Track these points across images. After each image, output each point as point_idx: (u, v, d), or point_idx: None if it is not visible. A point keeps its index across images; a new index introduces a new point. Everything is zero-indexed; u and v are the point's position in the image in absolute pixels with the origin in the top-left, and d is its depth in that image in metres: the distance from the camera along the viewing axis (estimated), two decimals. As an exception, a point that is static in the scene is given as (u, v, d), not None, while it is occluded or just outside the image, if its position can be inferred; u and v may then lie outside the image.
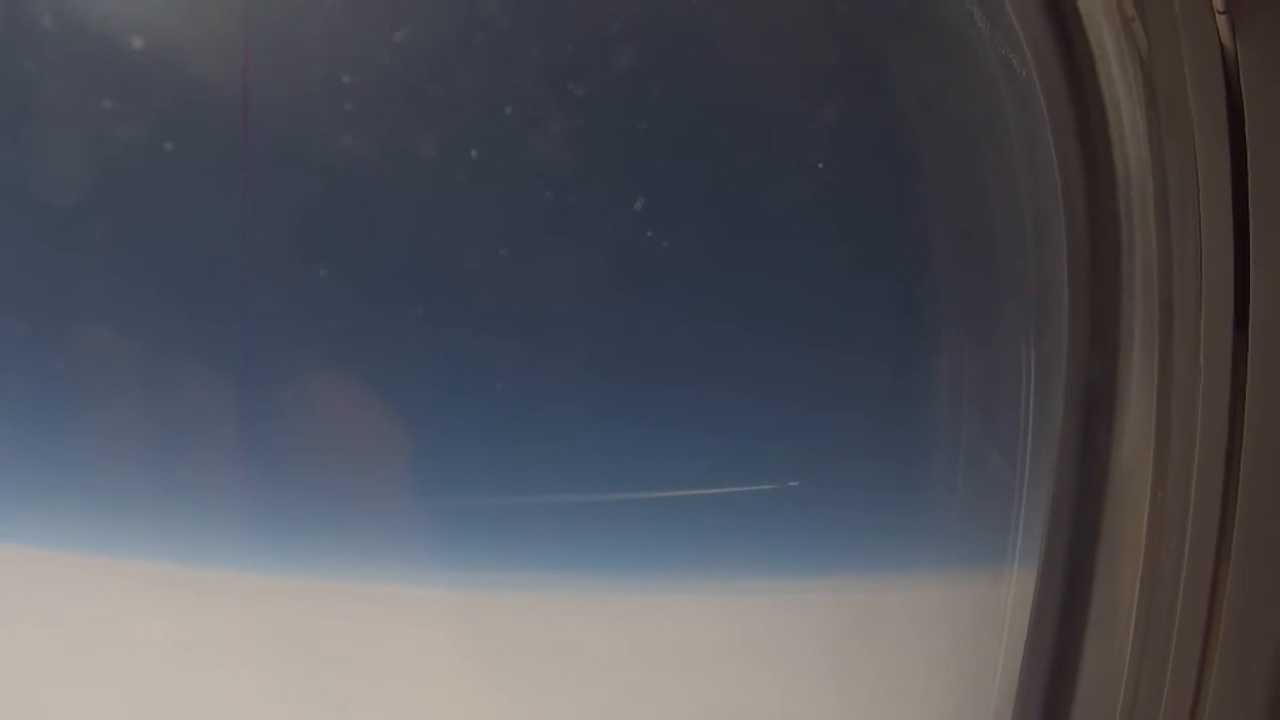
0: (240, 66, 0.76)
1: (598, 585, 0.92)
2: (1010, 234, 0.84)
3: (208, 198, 0.83)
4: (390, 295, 0.83)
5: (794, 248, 0.85)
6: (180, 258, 0.85)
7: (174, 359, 0.85)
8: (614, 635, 0.93)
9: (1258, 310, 0.71)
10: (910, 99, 0.83)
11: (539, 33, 0.74)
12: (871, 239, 0.86)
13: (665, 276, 0.83)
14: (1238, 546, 0.72)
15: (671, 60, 0.77)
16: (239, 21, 0.77)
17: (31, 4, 0.75)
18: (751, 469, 0.89)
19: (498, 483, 0.88)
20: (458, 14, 0.73)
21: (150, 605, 0.88)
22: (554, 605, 0.92)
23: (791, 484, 0.89)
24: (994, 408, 0.87)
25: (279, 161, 0.81)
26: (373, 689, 0.90)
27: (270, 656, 0.89)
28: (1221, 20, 0.69)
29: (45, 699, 0.86)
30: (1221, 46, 0.70)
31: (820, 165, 0.80)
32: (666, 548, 0.91)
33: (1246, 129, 0.70)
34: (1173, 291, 0.74)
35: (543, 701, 0.91)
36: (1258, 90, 0.69)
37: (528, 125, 0.75)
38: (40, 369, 0.84)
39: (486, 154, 0.75)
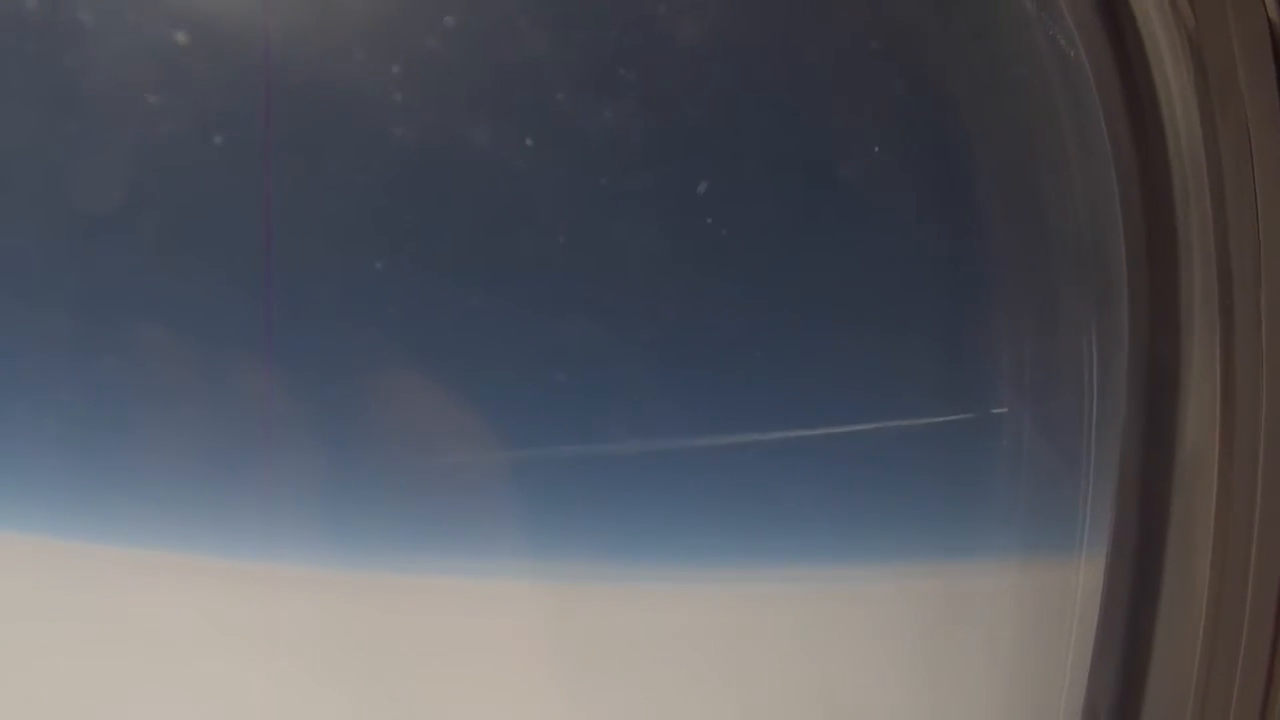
0: (283, 55, 0.83)
1: (610, 575, 0.97)
2: (1065, 216, 0.89)
3: (253, 191, 0.88)
4: (445, 284, 0.90)
5: (843, 233, 0.91)
6: (226, 250, 0.89)
7: (232, 352, 0.91)
8: (658, 625, 0.98)
9: (1317, 281, 0.76)
10: (960, 83, 0.89)
11: (590, 16, 0.81)
12: (923, 225, 0.91)
13: (709, 268, 0.90)
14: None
15: (721, 43, 0.83)
16: (281, 9, 0.83)
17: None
18: (809, 457, 0.94)
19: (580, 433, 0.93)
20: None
21: (201, 599, 0.94)
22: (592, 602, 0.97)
23: (856, 472, 0.95)
24: (1056, 391, 0.92)
25: (327, 152, 0.88)
26: (427, 684, 0.95)
27: (331, 653, 0.94)
28: (1268, -6, 0.75)
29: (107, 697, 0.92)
30: (1269, 21, 0.76)
31: (876, 149, 0.87)
32: (718, 539, 0.97)
33: (1297, 101, 0.76)
34: (1231, 266, 0.79)
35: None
36: (1307, 63, 0.74)
37: (580, 112, 0.83)
38: (78, 365, 0.88)
39: (541, 141, 0.83)
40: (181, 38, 0.82)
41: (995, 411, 0.93)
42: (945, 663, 0.97)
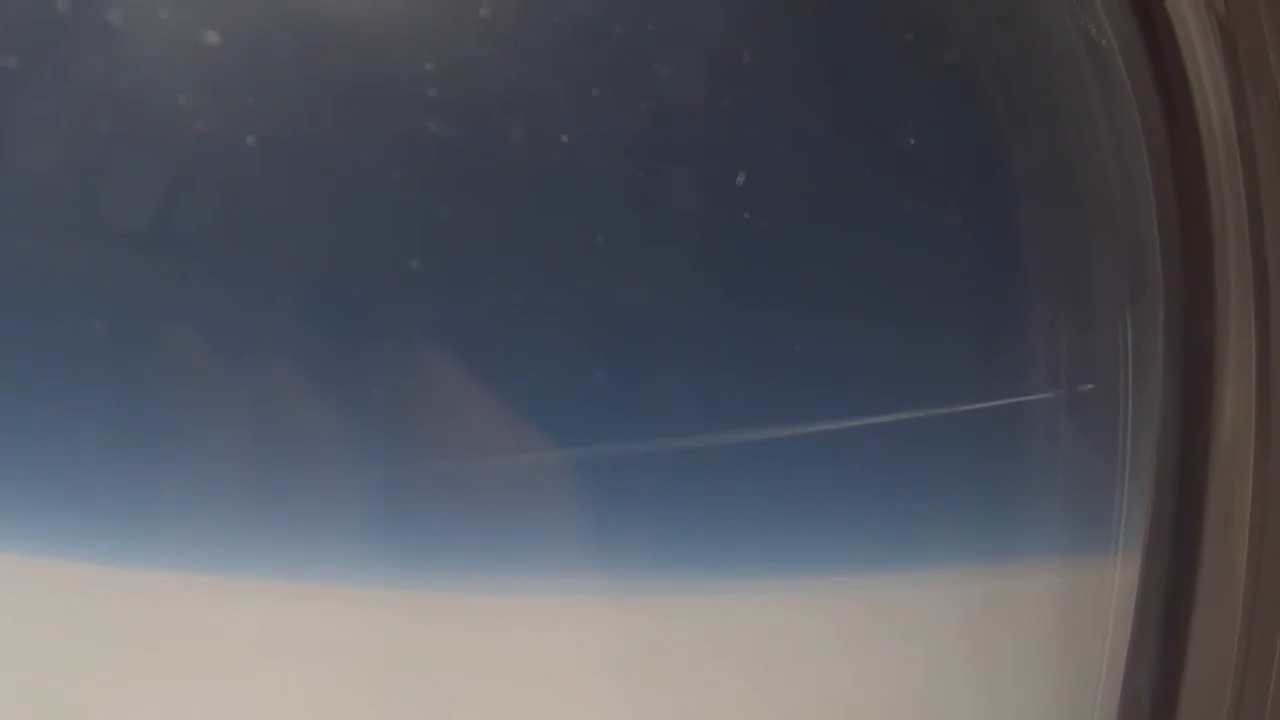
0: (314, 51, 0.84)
1: (644, 587, 0.97)
2: (1098, 204, 0.90)
3: (279, 192, 0.89)
4: (482, 285, 0.91)
5: (872, 222, 0.92)
6: (258, 256, 0.90)
7: (260, 362, 0.92)
8: (692, 637, 0.98)
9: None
10: (992, 72, 0.89)
11: (618, 9, 0.82)
12: (955, 214, 0.92)
13: (743, 260, 0.90)
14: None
15: (750, 31, 0.85)
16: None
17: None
18: (835, 457, 0.94)
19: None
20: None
21: (235, 622, 0.94)
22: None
23: (884, 471, 0.95)
24: (1090, 383, 0.92)
25: (360, 151, 0.89)
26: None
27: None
28: (1299, -23, 0.75)
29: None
30: (1301, 4, 0.76)
31: (908, 139, 0.88)
32: (746, 547, 0.97)
33: (1331, 84, 0.76)
34: (1266, 253, 0.80)
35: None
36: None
37: (617, 106, 0.84)
38: (95, 376, 0.87)
39: (577, 138, 0.84)
40: (212, 36, 0.83)
41: (1029, 404, 0.93)
42: (983, 663, 0.97)
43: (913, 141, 0.89)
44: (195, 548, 0.91)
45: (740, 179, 0.84)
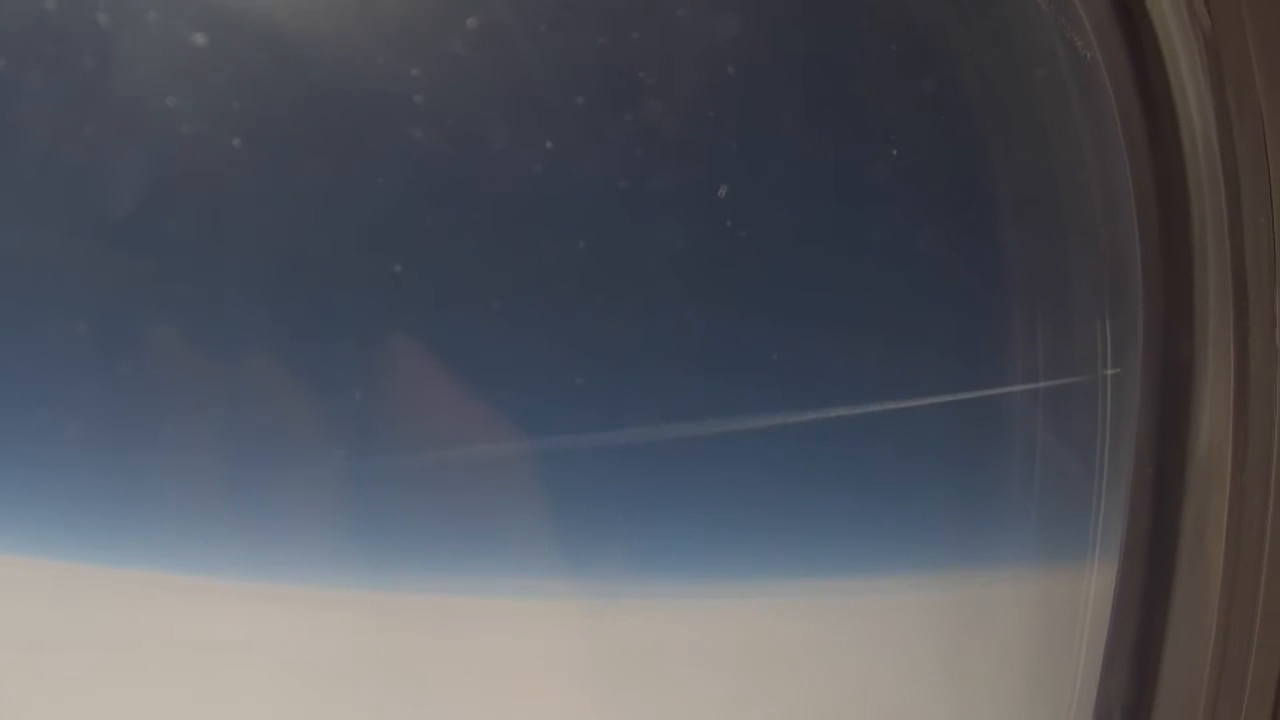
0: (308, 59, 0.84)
1: (623, 591, 0.97)
2: (1080, 217, 0.91)
3: (266, 195, 0.88)
4: (469, 291, 0.91)
5: (860, 229, 0.92)
6: (247, 257, 0.90)
7: (246, 362, 0.91)
8: (671, 642, 0.99)
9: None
10: (976, 85, 0.90)
11: (608, 18, 0.83)
12: (938, 225, 0.92)
13: (731, 266, 0.91)
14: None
15: (740, 45, 0.85)
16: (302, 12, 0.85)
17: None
18: (818, 467, 0.95)
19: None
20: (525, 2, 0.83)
21: (217, 622, 0.94)
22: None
23: (866, 481, 0.96)
24: (1069, 394, 0.93)
25: (350, 157, 0.89)
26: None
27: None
28: (1284, -5, 0.76)
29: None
30: (1285, 22, 0.77)
31: (894, 152, 0.88)
32: (721, 551, 0.98)
33: (1313, 102, 0.76)
34: (1246, 267, 0.80)
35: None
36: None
37: (599, 115, 0.84)
38: (83, 376, 0.88)
39: (561, 144, 0.84)
40: (199, 39, 0.83)
41: (1009, 415, 0.94)
42: (958, 670, 0.98)
43: (901, 151, 0.89)
44: (177, 548, 0.92)
45: (722, 192, 0.85)
